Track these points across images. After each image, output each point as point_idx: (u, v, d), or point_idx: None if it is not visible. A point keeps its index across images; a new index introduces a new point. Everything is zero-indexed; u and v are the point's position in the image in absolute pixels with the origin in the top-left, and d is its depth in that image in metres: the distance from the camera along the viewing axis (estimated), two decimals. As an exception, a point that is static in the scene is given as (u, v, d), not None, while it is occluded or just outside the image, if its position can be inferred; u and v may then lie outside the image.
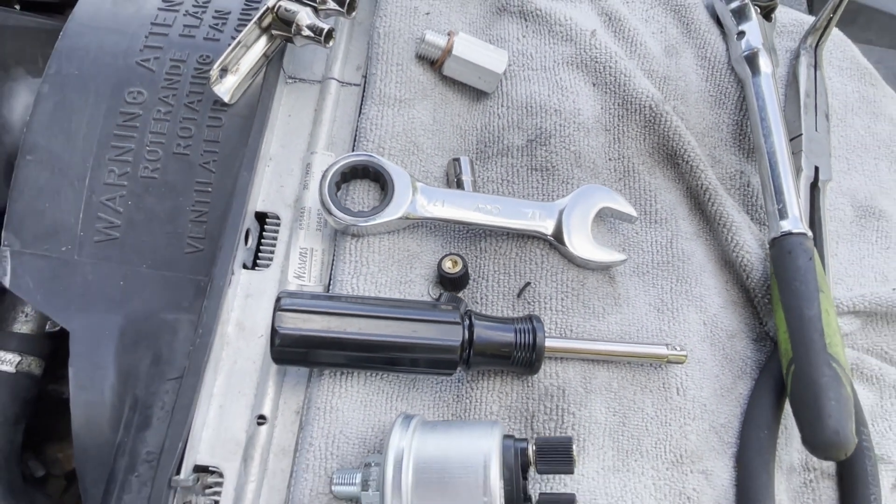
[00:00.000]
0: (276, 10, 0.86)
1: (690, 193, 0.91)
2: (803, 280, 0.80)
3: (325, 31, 0.85)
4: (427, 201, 0.81)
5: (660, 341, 0.81)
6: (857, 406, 0.83)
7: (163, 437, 0.74)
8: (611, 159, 0.90)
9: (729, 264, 0.90)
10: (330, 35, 0.85)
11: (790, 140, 0.95)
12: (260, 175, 0.87)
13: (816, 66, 1.04)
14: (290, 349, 0.69)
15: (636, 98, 0.91)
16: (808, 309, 0.78)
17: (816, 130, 0.99)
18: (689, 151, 0.90)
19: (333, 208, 0.79)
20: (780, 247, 0.84)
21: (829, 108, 1.03)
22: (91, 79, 0.88)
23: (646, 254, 0.87)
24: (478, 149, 0.90)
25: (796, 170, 0.94)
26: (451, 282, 0.80)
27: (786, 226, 0.84)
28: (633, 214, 0.84)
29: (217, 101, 0.87)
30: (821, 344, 0.76)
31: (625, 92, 0.91)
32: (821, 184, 0.96)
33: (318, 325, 0.69)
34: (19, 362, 0.93)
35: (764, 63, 0.97)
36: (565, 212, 0.83)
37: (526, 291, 0.81)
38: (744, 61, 0.99)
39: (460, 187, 0.85)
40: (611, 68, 0.92)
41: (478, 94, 0.93)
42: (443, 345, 0.71)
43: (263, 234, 0.86)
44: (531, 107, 0.90)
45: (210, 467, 0.74)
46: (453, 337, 0.71)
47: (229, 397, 0.77)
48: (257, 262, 0.85)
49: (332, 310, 0.70)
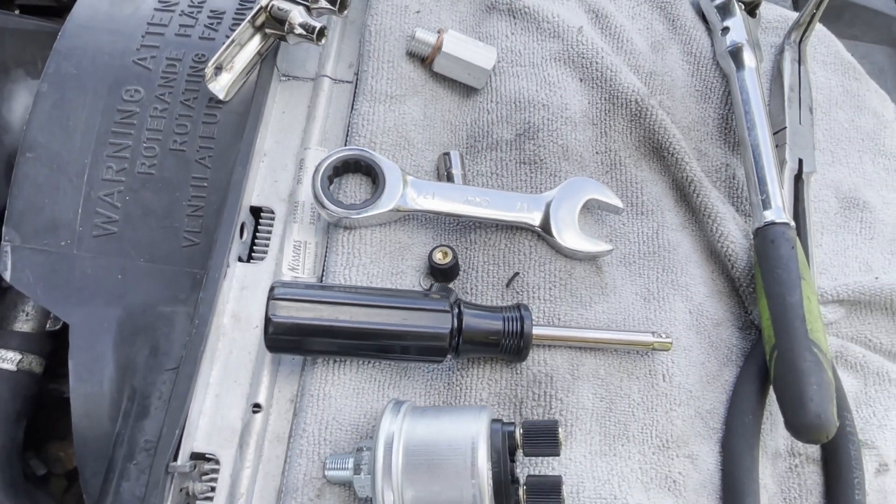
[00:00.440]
0: (269, 9, 0.88)
1: (676, 185, 0.93)
2: (785, 268, 0.82)
3: (317, 30, 0.87)
4: (418, 194, 0.83)
5: (646, 329, 0.83)
6: (840, 392, 0.85)
7: (160, 425, 0.76)
8: (598, 152, 0.92)
9: (714, 254, 0.91)
10: (322, 33, 0.87)
11: (774, 133, 0.97)
12: (254, 170, 0.89)
13: (800, 60, 1.06)
14: (283, 337, 0.71)
15: (622, 93, 0.93)
16: (790, 296, 0.80)
17: (800, 123, 1.01)
18: (674, 144, 0.92)
19: (326, 201, 0.81)
20: (763, 236, 0.86)
21: (812, 101, 1.05)
22: (89, 77, 0.90)
23: (632, 244, 0.89)
24: (468, 143, 0.92)
25: (780, 162, 0.96)
26: (442, 273, 0.82)
27: (769, 216, 0.86)
28: (620, 206, 0.86)
29: (212, 99, 0.89)
30: (802, 330, 0.78)
31: (611, 87, 0.93)
32: (805, 175, 0.98)
33: (311, 313, 0.71)
34: (20, 360, 0.94)
35: (748, 58, 0.99)
36: (553, 203, 0.84)
37: (515, 281, 0.82)
38: (728, 56, 1.01)
39: (450, 181, 0.87)
40: (597, 64, 0.94)
41: (467, 90, 0.95)
42: (432, 332, 0.73)
43: (258, 227, 0.88)
44: (520, 102, 0.92)
45: (206, 454, 0.76)
46: (443, 325, 0.73)
47: (225, 386, 0.79)
48: (252, 255, 0.87)
49: (324, 299, 0.72)
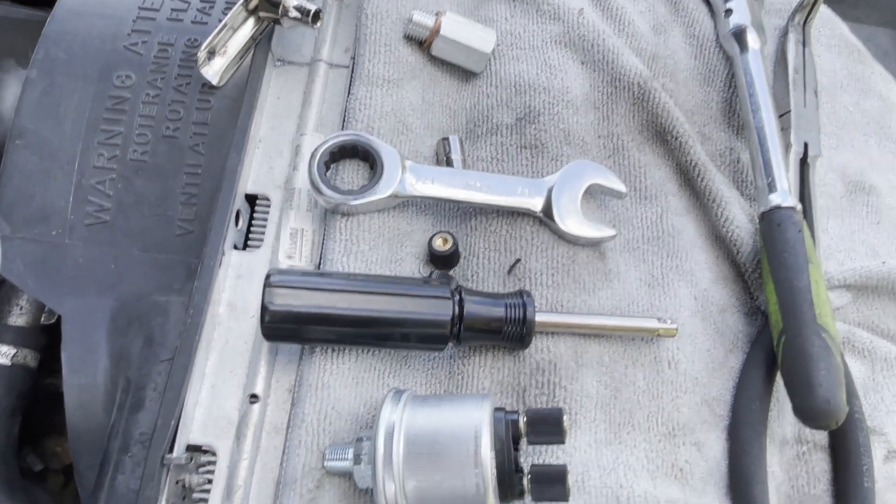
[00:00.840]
0: (262, -9, 0.86)
1: (680, 170, 0.92)
2: (792, 252, 0.80)
3: (312, 12, 0.85)
4: (416, 180, 0.81)
5: (651, 315, 0.81)
6: (848, 378, 0.83)
7: (155, 417, 0.74)
8: (600, 136, 0.91)
9: (719, 240, 0.90)
10: (317, 16, 0.85)
11: (779, 116, 0.95)
12: (249, 157, 0.87)
13: (805, 43, 1.04)
14: (280, 325, 0.69)
15: (624, 75, 0.91)
16: (797, 280, 0.79)
17: (805, 106, 0.99)
18: (677, 128, 0.90)
19: (323, 187, 0.79)
20: (769, 220, 0.84)
21: (817, 84, 1.03)
22: (79, 63, 0.88)
23: (636, 230, 0.87)
24: (467, 128, 0.90)
25: (785, 145, 0.94)
26: (442, 260, 0.81)
27: (775, 199, 0.85)
28: (623, 190, 0.84)
29: (205, 84, 0.87)
30: (810, 314, 0.76)
31: (613, 70, 0.91)
32: (810, 159, 0.96)
33: (308, 300, 0.69)
34: (14, 355, 0.92)
35: (752, 39, 0.97)
36: (555, 188, 0.83)
37: (516, 268, 0.81)
38: (732, 38, 0.99)
39: (450, 166, 0.85)
40: (599, 46, 0.92)
41: (466, 74, 0.93)
42: (433, 319, 0.71)
43: (253, 215, 0.86)
44: (520, 85, 0.90)
45: (203, 446, 0.74)
46: (444, 311, 0.71)
47: (221, 377, 0.77)
48: (248, 243, 0.85)
49: (322, 286, 0.70)
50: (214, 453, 0.74)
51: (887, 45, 1.20)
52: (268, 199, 0.86)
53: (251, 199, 0.87)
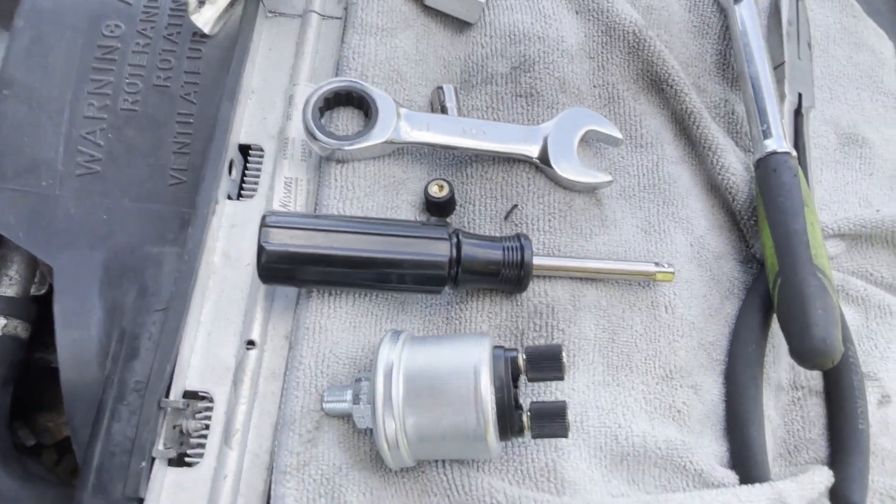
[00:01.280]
0: (253, -63, 0.85)
1: (675, 118, 0.91)
2: (788, 195, 0.80)
3: (303, -41, 0.84)
4: (412, 127, 0.81)
5: (648, 260, 0.81)
6: (843, 323, 0.84)
7: (151, 366, 0.74)
8: (595, 86, 0.90)
9: (715, 188, 0.90)
10: (309, -37, 0.84)
11: (774, 68, 0.95)
12: (242, 108, 0.86)
13: (798, -5, 1.04)
14: (276, 266, 0.69)
15: (619, 24, 0.90)
16: (793, 222, 0.79)
17: (799, 58, 0.99)
18: (673, 76, 0.90)
19: (318, 132, 0.78)
20: (765, 166, 0.84)
21: (811, 37, 1.03)
22: (66, 12, 0.86)
23: (632, 177, 0.87)
24: (462, 78, 0.90)
25: (780, 96, 0.94)
26: (438, 207, 0.80)
27: (770, 145, 0.85)
28: (619, 137, 0.84)
29: (196, 33, 0.86)
30: (806, 255, 0.77)
31: (608, 19, 0.91)
32: (804, 110, 0.96)
33: (305, 241, 0.68)
34: (5, 325, 0.91)
35: (746, -10, 0.97)
36: (551, 134, 0.82)
37: (513, 214, 0.80)
38: (726, -11, 0.98)
39: (445, 114, 0.84)
40: (593, -4, 0.92)
41: (461, 24, 0.92)
42: (430, 260, 0.71)
43: (247, 165, 0.85)
44: (514, 35, 0.89)
45: (200, 392, 0.73)
46: (441, 252, 0.71)
47: (217, 324, 0.76)
48: (242, 193, 0.84)
49: (319, 226, 0.69)
50: (212, 399, 0.73)
51: (879, 2, 1.20)
52: (261, 150, 0.85)
53: (244, 150, 0.86)
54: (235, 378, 0.74)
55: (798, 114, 0.96)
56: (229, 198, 0.83)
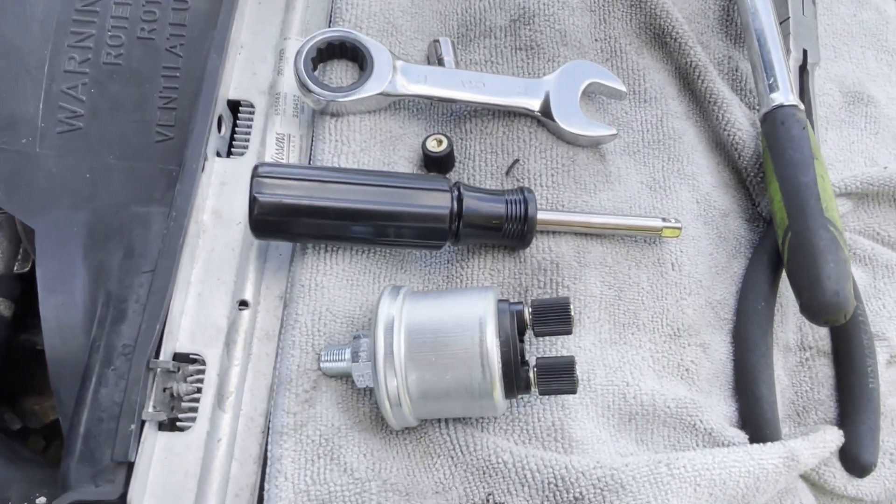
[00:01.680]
0: None
1: (679, 73, 0.89)
2: (798, 148, 0.78)
3: None
4: (408, 79, 0.78)
5: (655, 215, 0.79)
6: (853, 280, 0.82)
7: (139, 328, 0.70)
8: (597, 40, 0.87)
9: (720, 145, 0.87)
10: None
11: (779, 23, 0.93)
12: (231, 62, 0.82)
13: (802, -50, 1.01)
14: (270, 218, 0.65)
15: (621, -24, 0.88)
16: (803, 175, 0.76)
17: (804, 14, 0.97)
18: (676, 29, 0.87)
19: (311, 84, 0.75)
20: (772, 119, 0.81)
21: (815, -7, 1.00)
22: (44, -38, 0.82)
23: (636, 133, 0.84)
24: (459, 32, 0.86)
25: (785, 51, 0.91)
26: (436, 162, 0.77)
27: (777, 98, 0.82)
28: (623, 89, 0.81)
29: (181, -16, 0.82)
30: (818, 208, 0.74)
31: (609, -30, 0.88)
32: (809, 66, 0.94)
33: (299, 192, 0.65)
34: (-14, 303, 0.88)
35: (750, -57, 0.94)
36: (553, 87, 0.79)
37: (514, 169, 0.78)
38: (729, -57, 0.96)
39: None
40: (594, -53, 0.89)
41: (457, -23, 0.89)
42: (431, 213, 0.68)
43: (237, 122, 0.82)
44: (513, -13, 0.86)
45: (191, 355, 0.70)
46: (442, 204, 0.68)
47: (208, 284, 0.73)
48: (232, 150, 0.80)
49: (314, 177, 0.66)
50: (203, 361, 0.70)
51: (881, -37, 1.18)
52: (251, 105, 0.82)
53: (234, 106, 0.82)
54: (228, 339, 0.71)
55: (803, 70, 0.93)
56: (218, 155, 0.79)
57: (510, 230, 0.70)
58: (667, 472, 0.64)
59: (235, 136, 0.81)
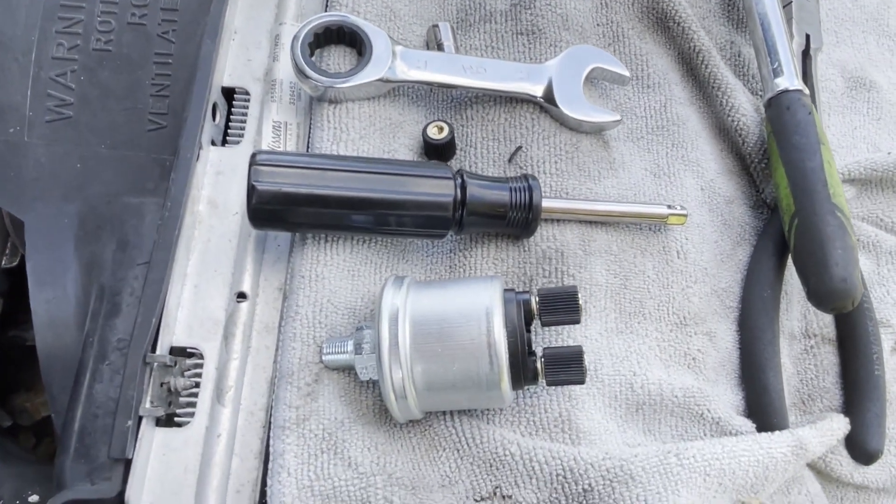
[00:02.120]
0: None
1: (683, 59, 0.87)
2: (804, 133, 0.77)
3: None
4: (408, 64, 0.76)
5: (660, 202, 0.77)
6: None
7: (134, 322, 0.68)
8: (599, 24, 0.86)
9: (724, 131, 0.86)
10: None
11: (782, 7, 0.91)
12: (225, 48, 0.80)
13: (803, -66, 1.00)
14: (268, 207, 0.64)
15: (623, -41, 0.86)
16: (810, 160, 0.75)
17: (806, -2, 0.96)
18: (679, 13, 0.85)
19: (308, 70, 0.73)
20: (777, 104, 0.80)
21: (817, -23, 0.99)
22: (30, -54, 0.79)
23: (639, 119, 0.83)
24: (458, 17, 0.85)
25: (790, 35, 0.90)
26: (437, 150, 0.75)
27: (782, 83, 0.81)
28: (626, 74, 0.80)
29: (172, -32, 0.80)
30: (825, 194, 0.73)
31: (611, -47, 0.86)
32: (812, 52, 0.93)
33: (298, 180, 0.63)
34: (-27, 298, 0.85)
35: (752, -75, 0.92)
36: (555, 72, 0.78)
37: (517, 156, 0.76)
38: (731, -74, 0.94)
39: (442, 53, 0.79)
40: (595, -70, 0.87)
41: (456, -40, 0.87)
42: (434, 201, 0.66)
43: (232, 110, 0.80)
44: (513, -30, 0.84)
45: (188, 348, 0.68)
46: (445, 192, 0.66)
47: (205, 277, 0.71)
48: (227, 139, 0.78)
49: (313, 164, 0.65)
50: (201, 355, 0.68)
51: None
52: (247, 93, 0.80)
53: (228, 94, 0.80)
54: (226, 332, 0.69)
55: (806, 55, 0.92)
56: (213, 144, 0.77)
57: (515, 218, 0.69)
58: (676, 463, 0.63)
59: (230, 124, 0.79)
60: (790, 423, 0.74)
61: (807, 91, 0.81)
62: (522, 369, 0.60)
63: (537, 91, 0.77)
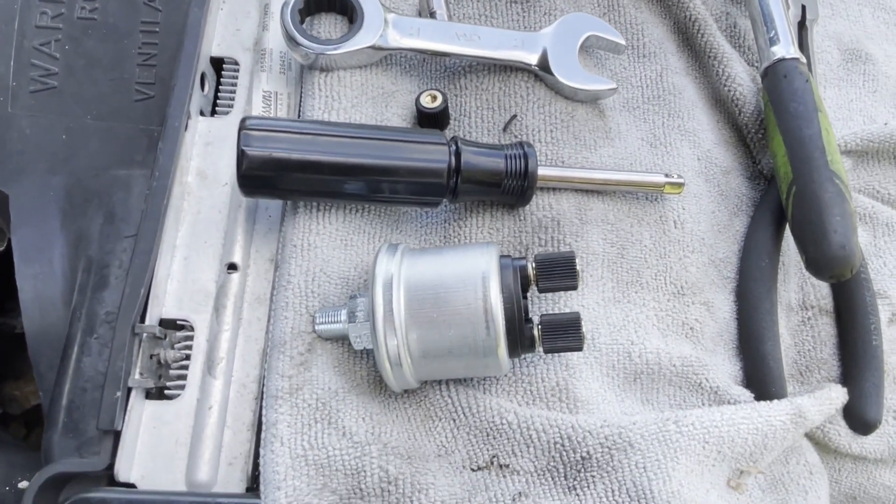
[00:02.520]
0: None
1: (678, 28, 0.86)
2: (801, 101, 0.76)
3: None
4: (400, 32, 0.74)
5: (657, 171, 0.76)
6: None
7: (122, 294, 0.67)
8: (594, -7, 0.85)
9: (720, 102, 0.85)
10: None
11: (776, -22, 0.90)
12: (213, 17, 0.79)
13: None
14: (259, 174, 0.62)
15: (618, -73, 0.85)
16: (807, 128, 0.74)
17: (802, -32, 0.95)
18: (675, -18, 0.84)
19: (299, 37, 0.71)
20: (774, 73, 0.79)
21: (812, -52, 0.98)
22: (11, -89, 0.77)
23: (635, 88, 0.82)
24: (451, -14, 0.83)
25: (786, 5, 0.89)
26: (431, 119, 0.74)
27: (779, 52, 0.80)
28: (622, 42, 0.79)
29: (158, -65, 0.78)
30: (823, 161, 0.73)
31: (605, -79, 0.85)
32: (808, 23, 0.92)
33: (289, 145, 0.62)
34: (-42, 282, 0.83)
35: None
36: (550, 41, 0.77)
37: (512, 125, 0.75)
38: None
39: (435, 21, 0.78)
40: None
41: (448, -72, 0.86)
42: (428, 168, 0.65)
43: (221, 80, 0.78)
44: (507, -62, 0.83)
45: (178, 320, 0.67)
46: (439, 158, 0.65)
47: (194, 248, 0.70)
48: (216, 109, 0.77)
49: (305, 130, 0.63)
50: (192, 327, 0.67)
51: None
52: (236, 62, 0.78)
53: (217, 64, 0.79)
54: (217, 304, 0.68)
55: (802, 26, 0.92)
56: (202, 114, 0.76)
57: (510, 186, 0.68)
58: (675, 430, 0.62)
59: (219, 94, 0.78)
60: (788, 393, 0.74)
61: (804, 59, 0.80)
62: (519, 336, 0.59)
63: (532, 59, 0.76)
